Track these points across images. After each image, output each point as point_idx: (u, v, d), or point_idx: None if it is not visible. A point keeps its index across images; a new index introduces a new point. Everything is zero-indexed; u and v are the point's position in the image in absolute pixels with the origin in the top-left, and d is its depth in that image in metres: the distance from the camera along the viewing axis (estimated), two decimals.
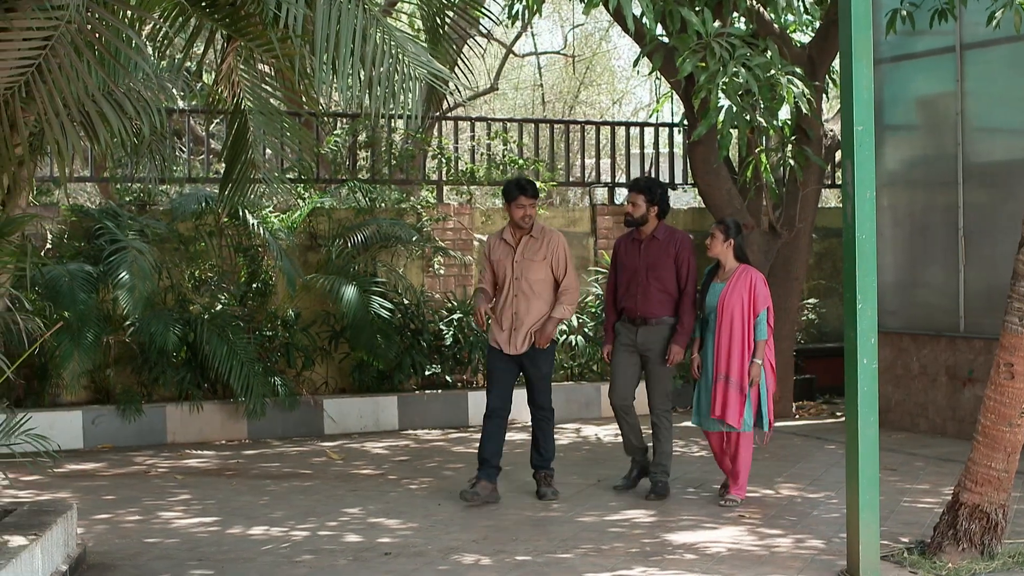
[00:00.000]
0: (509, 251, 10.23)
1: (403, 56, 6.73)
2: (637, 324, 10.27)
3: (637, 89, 33.04)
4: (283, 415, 13.73)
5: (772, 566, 8.05)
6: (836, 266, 17.47)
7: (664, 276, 10.23)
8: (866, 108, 7.55)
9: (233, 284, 14.10)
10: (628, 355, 10.30)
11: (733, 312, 9.81)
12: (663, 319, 10.21)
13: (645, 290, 10.24)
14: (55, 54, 5.73)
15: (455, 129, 17.47)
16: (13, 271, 7.27)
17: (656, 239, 10.31)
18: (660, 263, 10.24)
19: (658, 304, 10.21)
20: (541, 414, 10.29)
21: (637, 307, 10.26)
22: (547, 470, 10.33)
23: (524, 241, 10.20)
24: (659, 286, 10.22)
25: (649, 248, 10.30)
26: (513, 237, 10.27)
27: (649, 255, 10.29)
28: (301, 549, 8.64)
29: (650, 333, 10.21)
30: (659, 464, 10.31)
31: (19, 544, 7.01)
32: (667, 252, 10.26)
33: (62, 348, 12.45)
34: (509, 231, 10.31)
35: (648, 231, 10.33)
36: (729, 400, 9.76)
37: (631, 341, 10.29)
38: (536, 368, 10.18)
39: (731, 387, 9.76)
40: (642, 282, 10.25)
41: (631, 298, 10.31)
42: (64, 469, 11.49)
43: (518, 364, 10.20)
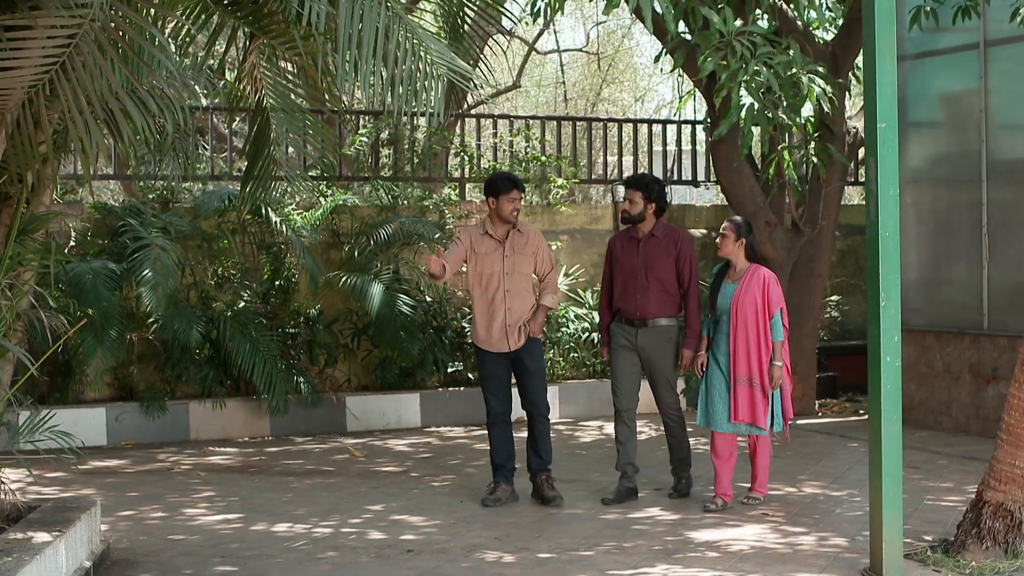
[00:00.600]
0: (496, 246, 9.94)
1: (426, 54, 6.74)
2: (636, 325, 9.97)
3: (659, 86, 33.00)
4: (306, 412, 13.75)
5: (795, 564, 8.04)
6: (859, 263, 17.42)
7: (664, 276, 9.95)
8: (889, 105, 7.53)
9: (256, 281, 14.13)
10: (628, 357, 10.02)
11: (747, 313, 9.57)
12: (663, 320, 9.96)
13: (644, 290, 9.94)
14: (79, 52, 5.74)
15: (478, 127, 17.47)
16: (37, 268, 7.30)
17: (655, 237, 10.02)
18: (659, 262, 9.96)
19: (658, 304, 9.93)
20: (538, 412, 10.02)
21: (636, 308, 9.96)
22: (547, 472, 10.04)
23: (511, 236, 9.97)
24: (659, 286, 9.94)
25: (648, 247, 10.00)
26: (498, 232, 9.97)
27: (648, 254, 9.99)
28: (324, 546, 8.66)
29: (650, 335, 9.95)
30: (680, 460, 10.17)
31: (43, 540, 7.03)
32: (667, 251, 9.98)
33: (86, 345, 12.49)
34: (492, 226, 10.00)
35: (646, 229, 10.03)
36: (756, 403, 9.56)
37: (630, 343, 10.00)
38: (531, 360, 9.94)
39: (756, 390, 9.56)
40: (641, 282, 9.95)
41: (629, 299, 10.00)
42: (88, 466, 11.53)
43: (510, 363, 9.98)
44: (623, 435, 10.02)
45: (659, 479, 10.69)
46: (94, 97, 5.85)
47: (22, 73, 5.77)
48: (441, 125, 15.31)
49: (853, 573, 7.77)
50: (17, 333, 7.26)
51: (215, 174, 15.48)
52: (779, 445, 11.06)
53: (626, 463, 10.03)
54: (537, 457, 9.99)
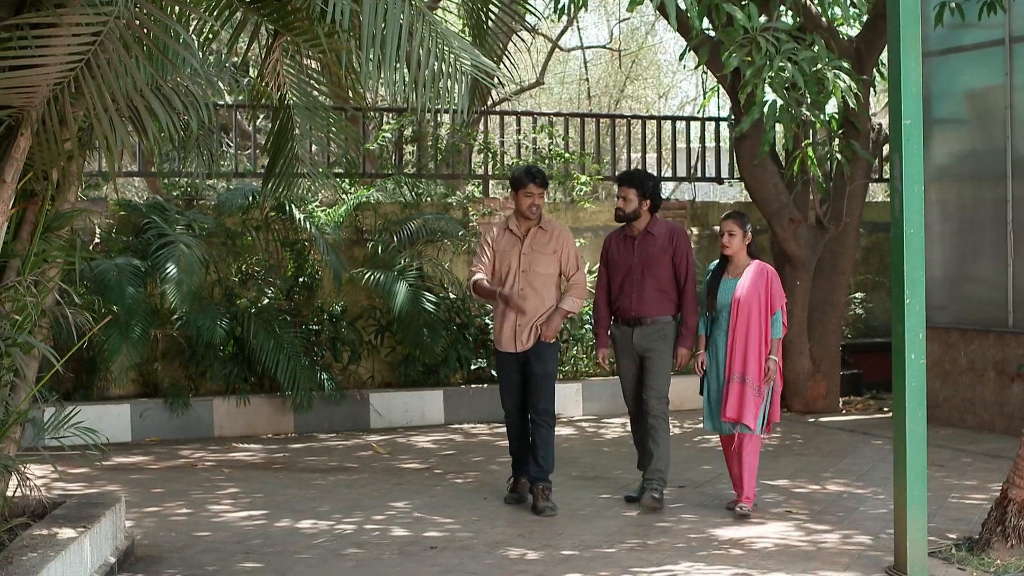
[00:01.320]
0: (516, 242, 9.71)
1: (449, 51, 6.74)
2: (632, 325, 9.73)
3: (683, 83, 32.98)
4: (329, 409, 13.77)
5: (819, 562, 8.02)
6: (883, 261, 17.38)
7: (661, 274, 9.70)
8: (914, 102, 7.51)
9: (280, 278, 14.15)
10: (630, 361, 9.80)
11: (750, 310, 9.29)
12: (660, 319, 9.68)
13: (640, 289, 9.70)
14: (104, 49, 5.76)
15: (501, 123, 17.46)
16: (63, 265, 7.32)
17: (650, 235, 9.76)
18: (656, 260, 9.71)
19: (655, 304, 9.68)
20: (542, 419, 9.66)
21: (632, 307, 9.72)
22: (545, 483, 9.65)
23: (532, 232, 9.71)
24: (656, 284, 9.69)
25: (643, 244, 9.75)
26: (519, 228, 9.75)
27: (644, 252, 9.74)
28: (347, 543, 8.67)
29: (647, 333, 9.68)
30: (656, 471, 9.68)
31: (68, 536, 7.06)
32: (663, 248, 9.72)
33: (110, 342, 12.52)
34: (515, 221, 9.79)
35: (641, 227, 9.78)
36: (746, 401, 9.24)
37: (629, 345, 9.77)
38: (540, 364, 9.62)
39: (748, 388, 9.25)
40: (637, 281, 9.71)
41: (625, 297, 9.76)
42: (112, 462, 11.56)
43: (520, 365, 9.71)
44: (642, 437, 9.87)
45: (683, 476, 10.69)
46: (119, 94, 5.87)
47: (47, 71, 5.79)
48: (465, 122, 15.31)
49: (877, 571, 7.76)
50: (42, 330, 7.28)
51: (239, 171, 15.52)
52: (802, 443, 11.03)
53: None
54: (536, 465, 9.67)
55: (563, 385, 10.06)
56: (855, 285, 16.87)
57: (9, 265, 6.74)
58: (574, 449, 10.33)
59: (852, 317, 16.91)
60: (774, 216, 14.33)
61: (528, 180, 9.66)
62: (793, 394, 14.84)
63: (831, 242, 14.61)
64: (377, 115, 16.48)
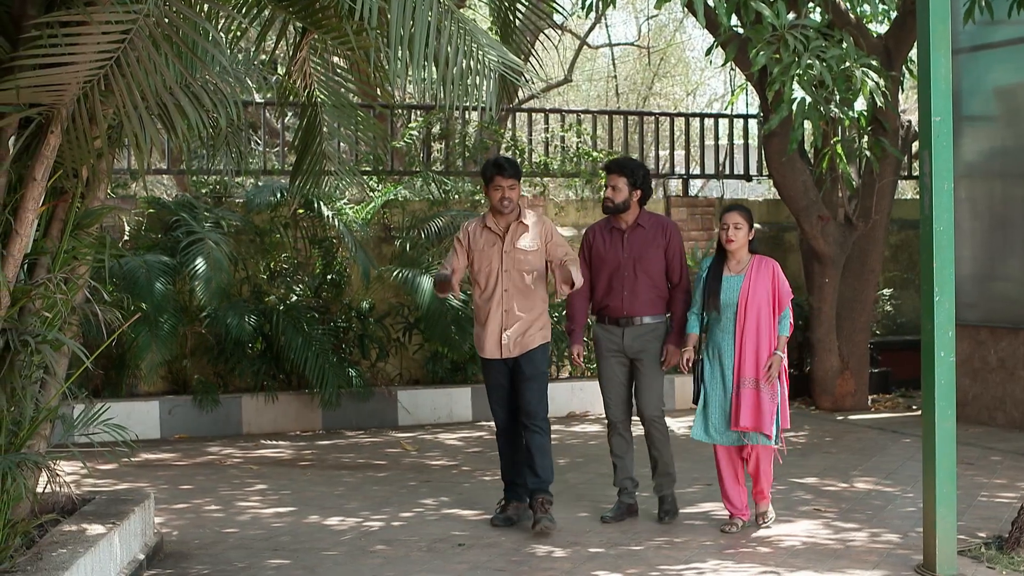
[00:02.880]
0: (495, 240, 8.95)
1: (477, 49, 6.74)
2: (622, 325, 9.06)
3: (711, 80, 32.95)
4: (357, 406, 13.79)
5: (847, 560, 8.00)
6: (912, 258, 17.32)
7: (653, 270, 9.07)
8: (944, 99, 7.48)
9: (308, 275, 14.19)
10: (618, 364, 9.13)
11: (760, 309, 8.69)
12: (650, 318, 9.08)
13: (632, 287, 9.04)
14: (133, 47, 5.78)
15: (529, 121, 17.45)
16: (92, 263, 7.35)
17: (641, 228, 9.10)
18: (648, 255, 9.06)
19: (647, 302, 9.05)
20: (534, 423, 8.87)
21: (623, 306, 9.04)
22: (545, 494, 8.84)
23: (513, 228, 8.93)
24: (648, 281, 9.06)
25: (633, 238, 9.08)
26: (498, 225, 8.97)
27: (634, 246, 9.06)
28: (375, 539, 8.68)
29: (639, 334, 9.04)
30: (665, 475, 9.22)
31: (98, 532, 7.09)
32: (655, 242, 9.07)
33: (139, 339, 12.56)
34: (491, 218, 9.00)
35: (630, 219, 9.09)
36: (763, 407, 8.61)
37: (617, 347, 9.09)
38: (531, 365, 8.90)
39: (763, 393, 8.61)
40: (628, 277, 9.04)
41: (615, 296, 9.07)
42: (141, 459, 11.60)
43: (509, 371, 9.00)
44: (619, 448, 9.24)
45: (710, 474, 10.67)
46: (148, 92, 5.89)
47: (77, 69, 5.81)
48: (493, 119, 15.33)
49: (906, 570, 7.73)
50: (72, 327, 7.31)
51: (267, 169, 15.55)
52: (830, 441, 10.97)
53: (624, 478, 9.28)
54: (533, 475, 8.87)
55: (589, 383, 9.95)
56: (884, 282, 16.81)
57: (39, 262, 6.76)
58: (602, 446, 10.27)
59: (881, 314, 16.85)
60: (803, 213, 14.29)
61: (494, 172, 8.93)
62: (821, 392, 14.82)
63: (860, 239, 14.57)
64: (405, 112, 16.49)
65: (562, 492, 9.81)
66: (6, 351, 6.39)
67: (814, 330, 14.80)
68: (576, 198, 16.51)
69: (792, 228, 16.00)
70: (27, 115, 6.05)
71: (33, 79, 5.78)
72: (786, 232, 16.72)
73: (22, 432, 6.67)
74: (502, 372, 9.01)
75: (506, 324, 8.89)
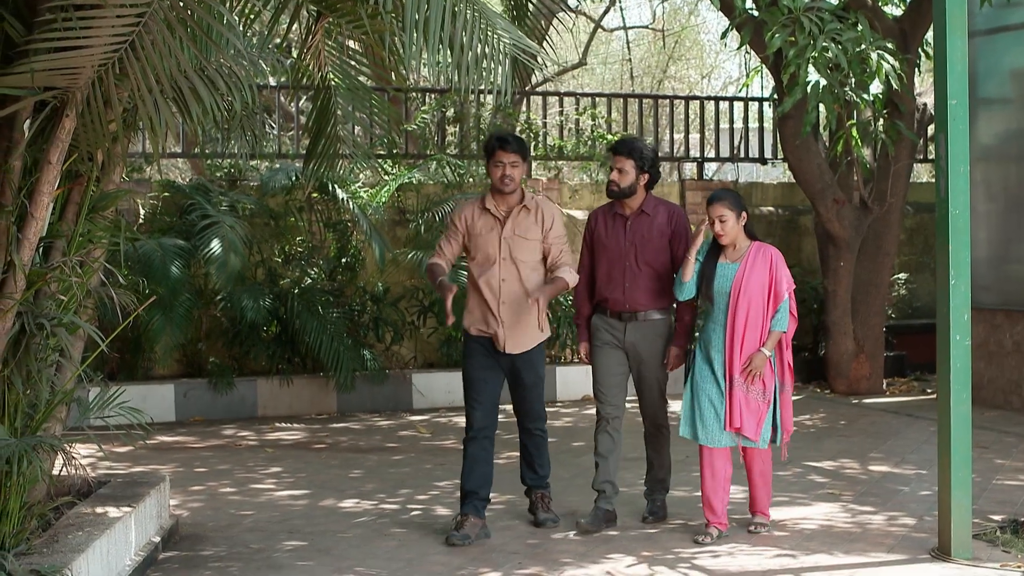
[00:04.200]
0: (494, 224, 8.24)
1: (492, 32, 6.73)
2: (624, 319, 8.38)
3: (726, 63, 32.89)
4: (372, 389, 13.81)
5: (863, 544, 7.99)
6: (928, 241, 17.29)
7: (657, 260, 8.35)
8: (960, 81, 7.46)
9: (322, 259, 14.20)
10: (614, 355, 8.46)
11: (752, 299, 7.96)
12: (656, 313, 8.39)
13: (633, 278, 8.34)
14: (148, 30, 5.78)
15: (543, 104, 17.44)
16: (107, 246, 7.35)
17: (645, 215, 8.40)
18: (652, 244, 8.35)
19: (650, 294, 8.36)
20: (535, 428, 8.42)
21: (624, 299, 8.35)
22: (545, 490, 8.54)
23: (515, 212, 8.23)
24: (651, 272, 8.35)
25: (637, 226, 8.39)
26: (498, 207, 8.25)
27: (637, 235, 8.37)
28: (391, 522, 8.70)
29: (641, 330, 8.37)
30: (657, 481, 8.63)
31: (113, 515, 7.11)
32: (660, 230, 8.38)
33: (155, 322, 12.59)
34: (491, 199, 8.28)
35: (635, 205, 8.42)
36: (750, 409, 7.98)
37: (616, 340, 8.42)
38: (531, 371, 8.30)
39: (751, 393, 7.97)
40: (630, 268, 8.36)
41: (615, 288, 8.38)
42: (156, 441, 11.63)
43: (504, 367, 8.34)
44: (604, 447, 8.49)
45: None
46: (163, 76, 5.89)
47: (92, 52, 5.81)
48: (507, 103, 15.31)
49: (922, 553, 7.72)
50: (87, 310, 7.32)
51: (282, 152, 15.57)
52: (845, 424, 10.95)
53: (605, 481, 8.48)
54: (532, 472, 8.49)
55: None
56: (899, 266, 16.79)
57: (55, 246, 6.77)
58: None
59: (896, 298, 16.83)
60: (818, 197, 14.27)
61: (496, 145, 8.21)
62: (836, 375, 14.81)
63: (875, 223, 14.54)
64: (419, 95, 16.49)
65: (576, 476, 9.82)
66: (22, 334, 6.40)
67: (829, 313, 14.79)
68: (590, 181, 16.51)
69: (807, 211, 15.98)
70: (42, 98, 6.05)
71: (48, 62, 5.78)
72: (801, 215, 16.70)
73: (38, 415, 6.68)
74: (490, 366, 8.27)
75: (503, 318, 8.18)
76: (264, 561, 7.70)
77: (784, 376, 8.15)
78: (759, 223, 16.40)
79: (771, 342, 7.97)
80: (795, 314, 8.09)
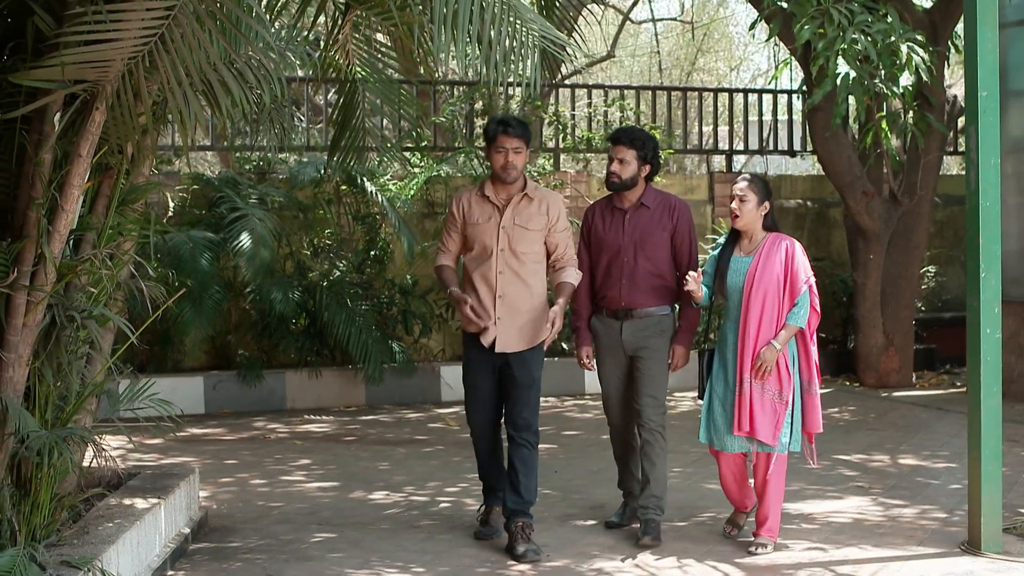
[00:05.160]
0: (493, 213, 7.69)
1: (520, 24, 6.72)
2: (620, 318, 7.94)
3: (755, 56, 32.72)
4: (400, 382, 13.83)
5: (892, 537, 7.98)
6: (958, 234, 17.22)
7: (657, 256, 7.90)
8: (991, 73, 7.42)
9: (351, 251, 14.22)
10: (614, 366, 8.04)
11: (767, 294, 7.45)
12: (655, 311, 7.93)
13: (632, 274, 7.89)
14: (177, 23, 5.78)
15: (572, 96, 17.41)
16: (137, 238, 7.38)
17: (645, 208, 7.95)
18: (652, 238, 7.90)
19: (649, 292, 7.89)
20: (522, 436, 7.66)
21: (621, 296, 7.91)
22: (526, 518, 7.63)
23: (516, 201, 7.68)
24: (651, 268, 7.87)
25: (636, 219, 7.94)
26: (497, 195, 7.71)
27: (637, 229, 7.92)
28: (420, 514, 8.71)
29: (639, 328, 7.91)
30: (652, 496, 7.89)
31: (143, 506, 7.14)
32: (661, 224, 7.92)
33: (184, 314, 12.64)
34: (491, 186, 7.73)
35: (634, 197, 7.97)
36: (764, 410, 7.46)
37: (616, 341, 7.98)
38: (524, 370, 7.67)
39: (766, 394, 7.46)
40: (628, 264, 7.89)
41: (613, 285, 7.94)
42: (186, 433, 11.67)
43: (496, 371, 7.79)
44: (622, 452, 8.26)
45: None
46: (192, 68, 5.90)
47: (122, 45, 5.82)
48: (535, 95, 15.31)
49: (952, 547, 7.70)
50: (118, 302, 7.34)
51: (310, 145, 15.60)
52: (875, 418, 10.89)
53: (631, 480, 8.23)
54: (514, 494, 7.63)
55: None
56: (929, 259, 16.72)
57: (85, 238, 6.79)
58: None
59: (926, 291, 16.77)
60: (847, 189, 14.23)
61: (499, 130, 7.63)
62: (866, 368, 14.78)
63: (905, 215, 14.50)
64: (447, 88, 16.50)
65: (604, 469, 9.80)
66: (52, 326, 6.43)
67: (858, 306, 14.76)
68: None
69: (836, 204, 15.93)
70: (72, 92, 6.07)
71: (78, 56, 5.79)
72: (830, 208, 16.65)
73: (68, 407, 6.71)
74: (486, 371, 7.79)
75: (500, 314, 7.64)
76: (293, 553, 7.72)
77: (811, 375, 7.57)
78: (788, 216, 16.36)
79: (784, 336, 7.43)
80: (817, 308, 7.57)
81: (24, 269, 6.12)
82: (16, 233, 6.25)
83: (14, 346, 6.14)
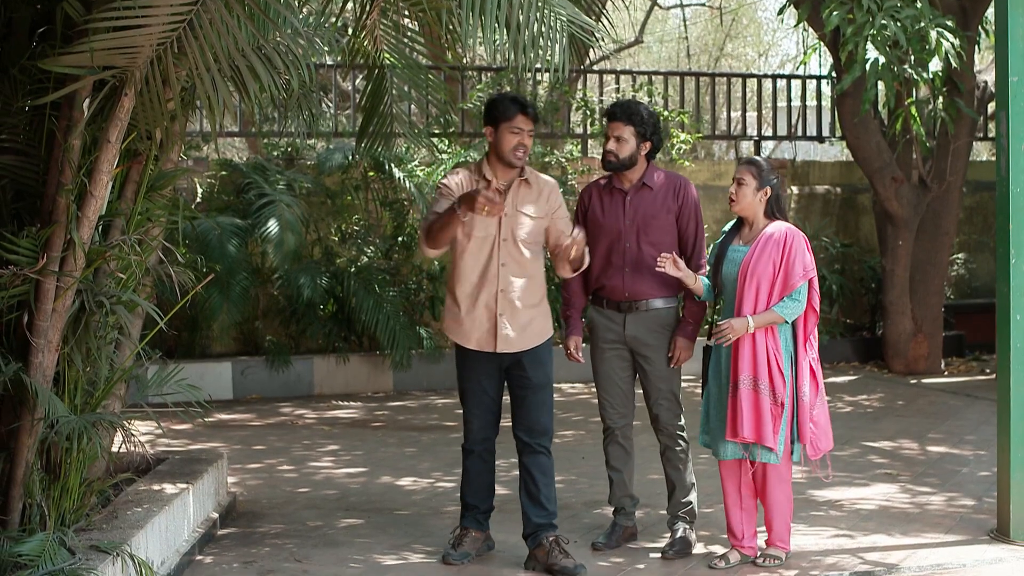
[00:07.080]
0: None
1: (548, 9, 6.71)
2: (623, 310, 7.38)
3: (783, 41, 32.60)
4: (428, 368, 13.84)
5: (921, 524, 7.96)
6: (987, 220, 17.14)
7: (662, 240, 7.31)
8: (1021, 58, 7.39)
9: (379, 237, 14.23)
10: (616, 358, 7.51)
11: (759, 286, 6.89)
12: (659, 301, 7.38)
13: (635, 261, 7.31)
14: (206, 9, 5.78)
15: (600, 82, 17.39)
16: (165, 224, 7.40)
17: (647, 188, 7.36)
18: (656, 221, 7.32)
19: (653, 281, 7.31)
20: (539, 443, 7.14)
21: (624, 286, 7.35)
22: (556, 531, 7.14)
23: (516, 187, 7.11)
24: (655, 254, 7.16)
25: (638, 201, 7.35)
26: (497, 180, 7.09)
27: (639, 211, 7.33)
28: (447, 500, 8.72)
29: (643, 322, 7.37)
30: (679, 504, 7.54)
31: (172, 492, 7.17)
32: (665, 206, 7.34)
33: (212, 300, 12.68)
34: (490, 170, 7.14)
35: (634, 177, 7.38)
36: (763, 413, 6.87)
37: (617, 336, 7.44)
38: (538, 369, 7.14)
39: (763, 395, 6.87)
40: (631, 250, 7.33)
41: (614, 274, 7.37)
42: (214, 419, 11.70)
43: (502, 371, 7.18)
44: (617, 459, 7.66)
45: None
46: (221, 54, 5.90)
47: (151, 31, 5.83)
48: (563, 80, 15.29)
49: (981, 534, 7.68)
50: (146, 288, 7.36)
51: (338, 131, 15.61)
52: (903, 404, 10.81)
53: (623, 495, 7.71)
54: (537, 507, 7.12)
55: None
56: (958, 245, 16.67)
57: (114, 224, 6.81)
58: None
59: (955, 277, 16.71)
60: (876, 175, 14.18)
61: (516, 109, 7.07)
62: (894, 355, 14.74)
63: (934, 201, 14.44)
64: (475, 74, 16.48)
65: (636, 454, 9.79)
66: (81, 312, 6.44)
67: (887, 293, 14.71)
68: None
69: (865, 190, 15.87)
70: (101, 78, 6.08)
71: (107, 42, 5.80)
72: (859, 194, 16.59)
73: (97, 392, 6.73)
74: (489, 372, 7.15)
75: (502, 309, 7.03)
76: (321, 538, 7.75)
77: (801, 380, 6.96)
78: (816, 202, 16.31)
79: (761, 318, 6.85)
80: (815, 307, 7.00)
81: (53, 255, 6.14)
82: (45, 219, 6.26)
83: (43, 331, 6.16)
